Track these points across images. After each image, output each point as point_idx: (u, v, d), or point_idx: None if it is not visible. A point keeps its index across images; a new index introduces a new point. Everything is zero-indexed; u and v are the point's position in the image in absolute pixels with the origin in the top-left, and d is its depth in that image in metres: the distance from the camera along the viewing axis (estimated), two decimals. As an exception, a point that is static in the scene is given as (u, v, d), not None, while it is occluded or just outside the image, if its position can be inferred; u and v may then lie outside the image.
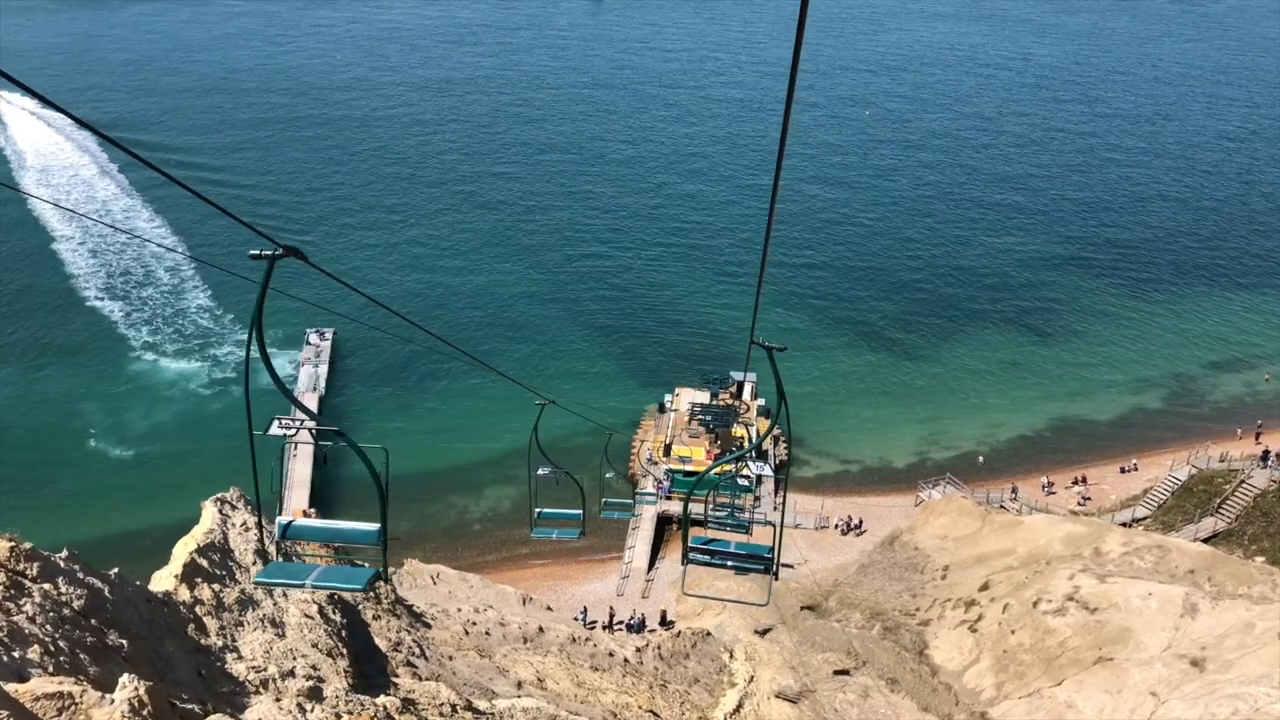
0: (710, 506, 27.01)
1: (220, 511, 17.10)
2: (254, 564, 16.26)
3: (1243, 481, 48.92)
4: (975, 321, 72.54)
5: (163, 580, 13.84)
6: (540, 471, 17.96)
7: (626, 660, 29.34)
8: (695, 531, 17.27)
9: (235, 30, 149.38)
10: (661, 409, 59.44)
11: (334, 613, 17.30)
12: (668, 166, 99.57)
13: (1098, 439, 61.04)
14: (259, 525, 17.95)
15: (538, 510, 21.86)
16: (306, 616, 16.04)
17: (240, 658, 13.50)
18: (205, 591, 14.13)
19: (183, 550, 14.78)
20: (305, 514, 22.07)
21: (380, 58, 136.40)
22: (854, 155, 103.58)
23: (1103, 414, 63.43)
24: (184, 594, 13.76)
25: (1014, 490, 54.04)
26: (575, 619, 41.35)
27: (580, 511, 22.05)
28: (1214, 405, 64.82)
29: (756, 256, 78.99)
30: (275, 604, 15.80)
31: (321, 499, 51.50)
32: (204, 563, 14.79)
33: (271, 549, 14.17)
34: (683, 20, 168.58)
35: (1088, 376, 66.78)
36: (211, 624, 13.63)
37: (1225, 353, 70.02)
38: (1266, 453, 51.49)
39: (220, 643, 13.44)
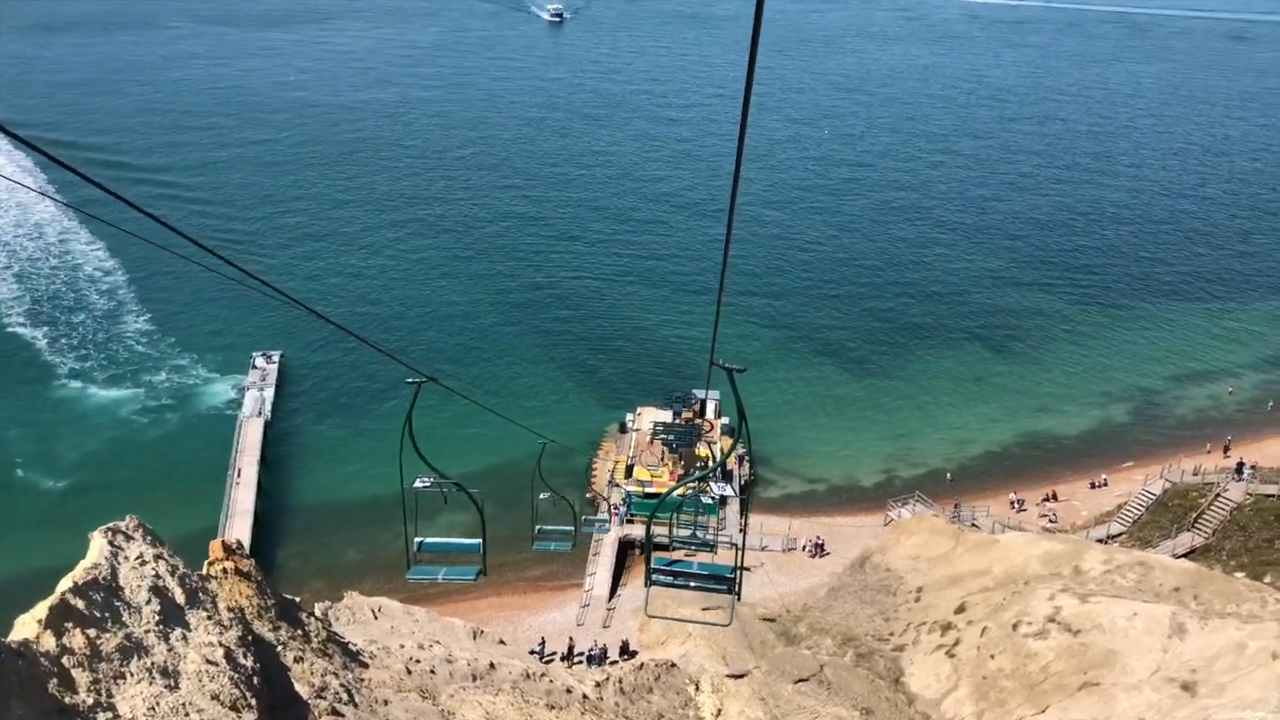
0: (674, 529, 25.52)
1: (112, 543, 14.83)
2: (148, 603, 14.03)
3: (1218, 495, 47.87)
4: (938, 338, 71.52)
5: (25, 626, 11.62)
6: (418, 484, 16.42)
7: (585, 696, 27.18)
8: (659, 554, 17.42)
9: (183, 52, 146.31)
10: (623, 429, 57.45)
11: (245, 656, 15.07)
12: (626, 188, 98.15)
13: (1066, 454, 59.97)
14: (163, 557, 15.72)
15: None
16: (209, 663, 13.83)
17: (116, 717, 11.31)
18: (77, 638, 11.91)
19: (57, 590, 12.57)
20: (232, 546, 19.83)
21: (333, 80, 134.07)
22: (812, 175, 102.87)
23: (1069, 429, 62.44)
24: (48, 642, 11.53)
25: (966, 513, 52.60)
26: (532, 652, 39.08)
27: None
28: (1180, 419, 64.13)
29: (717, 274, 77.55)
30: (170, 649, 13.58)
31: (264, 526, 49.13)
32: (80, 604, 12.55)
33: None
34: (641, 44, 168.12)
35: (1052, 392, 65.87)
36: (82, 677, 11.43)
37: (1187, 367, 69.54)
38: (1240, 465, 50.55)
39: (91, 700, 11.25)
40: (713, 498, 47.55)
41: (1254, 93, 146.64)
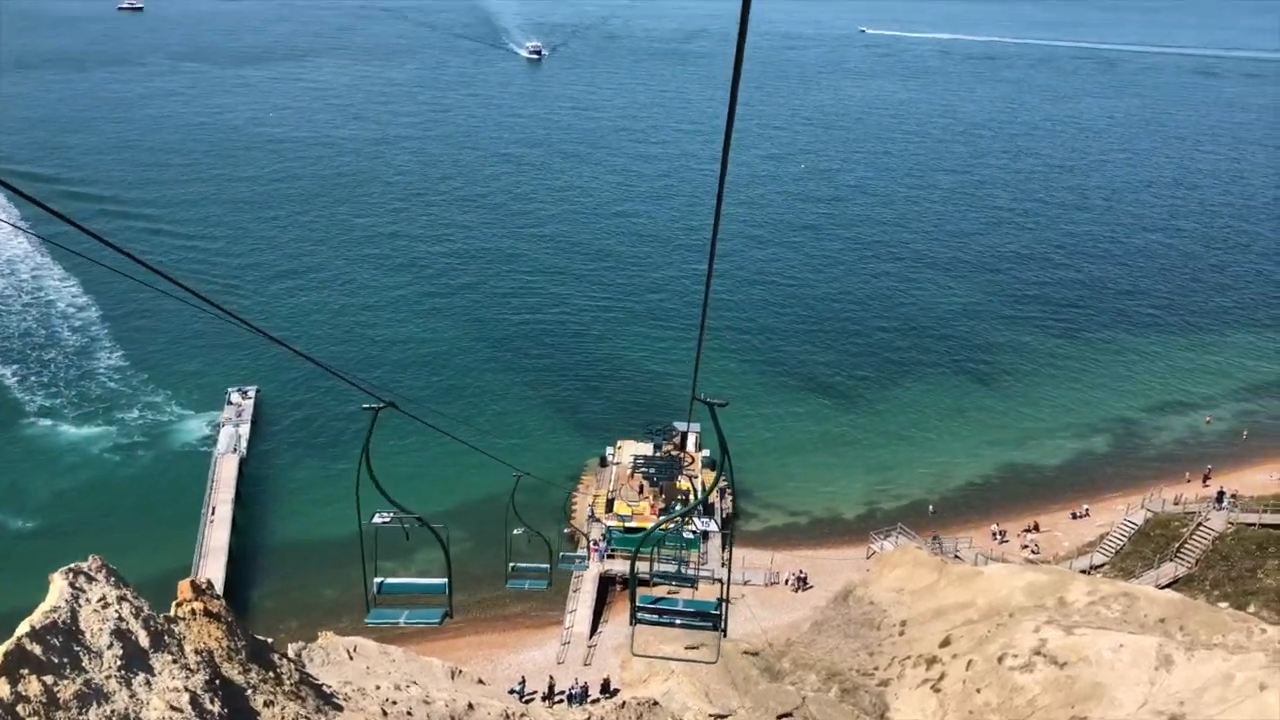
0: (655, 564, 25.08)
1: (73, 585, 14.31)
2: (110, 647, 13.49)
3: (1200, 524, 47.81)
4: (918, 370, 71.62)
5: (-23, 673, 11.09)
6: (376, 520, 15.34)
7: (567, 737, 26.56)
8: (642, 591, 17.00)
9: (159, 89, 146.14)
10: (603, 463, 56.96)
11: (212, 701, 14.52)
12: (605, 223, 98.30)
13: (1047, 485, 59.91)
14: (127, 599, 15.19)
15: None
16: (173, 709, 13.29)
17: (73, 768, 10.79)
18: (33, 686, 11.39)
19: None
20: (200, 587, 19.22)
21: (310, 116, 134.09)
22: (790, 210, 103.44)
23: (1050, 460, 62.46)
24: (2, 690, 11.02)
25: (948, 544, 52.37)
26: (512, 691, 38.33)
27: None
28: (1159, 449, 64.29)
29: (698, 309, 77.50)
30: (132, 694, 13.04)
31: (239, 564, 48.30)
32: (37, 649, 12.03)
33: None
34: (619, 80, 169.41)
35: (1033, 423, 65.96)
36: (37, 727, 10.90)
37: (1165, 397, 69.86)
38: (1221, 494, 50.60)
39: (46, 750, 10.73)
40: (694, 532, 47.12)
41: (1223, 126, 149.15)
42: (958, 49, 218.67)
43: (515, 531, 26.58)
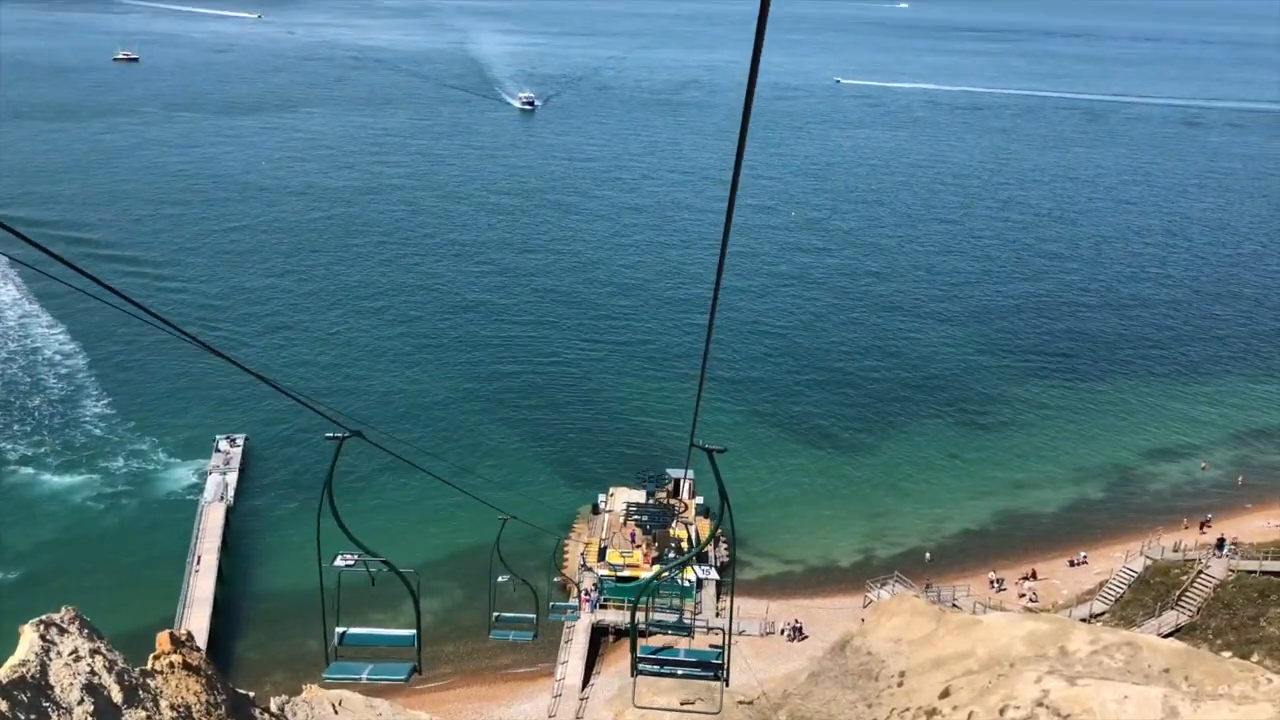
0: (650, 613, 24.45)
1: (44, 638, 13.70)
2: (80, 702, 12.86)
3: (1200, 572, 47.23)
4: (911, 415, 71.32)
5: (-63, 732, 10.49)
6: (339, 562, 13.80)
7: (558, 795, 25.68)
8: (641, 641, 16.75)
9: (152, 138, 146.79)
10: (595, 510, 56.21)
11: (189, 761, 13.84)
12: (597, 273, 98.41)
13: (1044, 532, 59.34)
14: (100, 652, 14.56)
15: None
16: (146, 768, 12.64)
17: (35, 834, 10.15)
18: (-5, 744, 10.77)
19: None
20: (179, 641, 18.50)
21: (302, 164, 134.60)
22: (779, 259, 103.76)
23: (1046, 506, 61.95)
24: (-38, 750, 10.41)
25: (946, 593, 51.64)
26: (502, 747, 37.31)
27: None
28: (1156, 495, 63.86)
29: (689, 352, 77.33)
30: (102, 755, 12.39)
31: (224, 615, 47.35)
32: (3, 705, 11.42)
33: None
34: (611, 130, 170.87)
35: (1027, 468, 65.55)
36: (-2, 789, 10.29)
37: (1159, 443, 69.61)
38: (1221, 541, 50.08)
39: (7, 815, 10.11)
40: (690, 581, 46.36)
41: (1208, 175, 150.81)
42: (944, 99, 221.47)
43: (500, 579, 25.30)
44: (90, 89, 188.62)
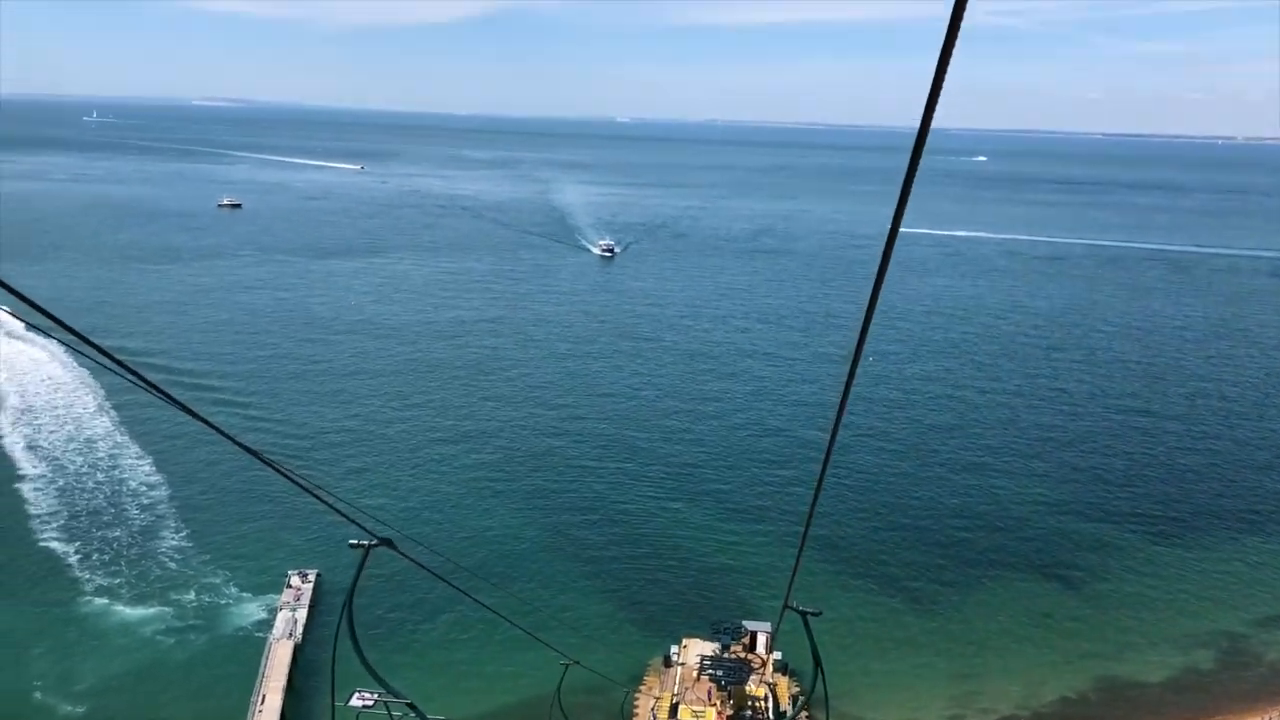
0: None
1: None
2: None
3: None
4: (1002, 572, 67.84)
5: None
6: (355, 701, 11.61)
7: None
8: None
9: (249, 278, 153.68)
10: (667, 662, 53.81)
11: None
12: (673, 410, 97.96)
13: (1151, 704, 54.89)
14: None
15: None
16: None
17: None
18: None
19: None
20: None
21: (389, 303, 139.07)
22: (859, 407, 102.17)
23: (1151, 675, 57.53)
24: None
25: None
26: None
27: None
28: (1272, 666, 58.95)
29: (763, 503, 75.48)
30: None
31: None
32: None
33: None
34: (688, 275, 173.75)
35: (1127, 632, 61.31)
36: None
37: (1272, 607, 64.82)
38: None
39: None
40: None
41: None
42: (1023, 249, 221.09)
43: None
44: (195, 233, 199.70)
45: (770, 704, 47.35)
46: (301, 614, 56.27)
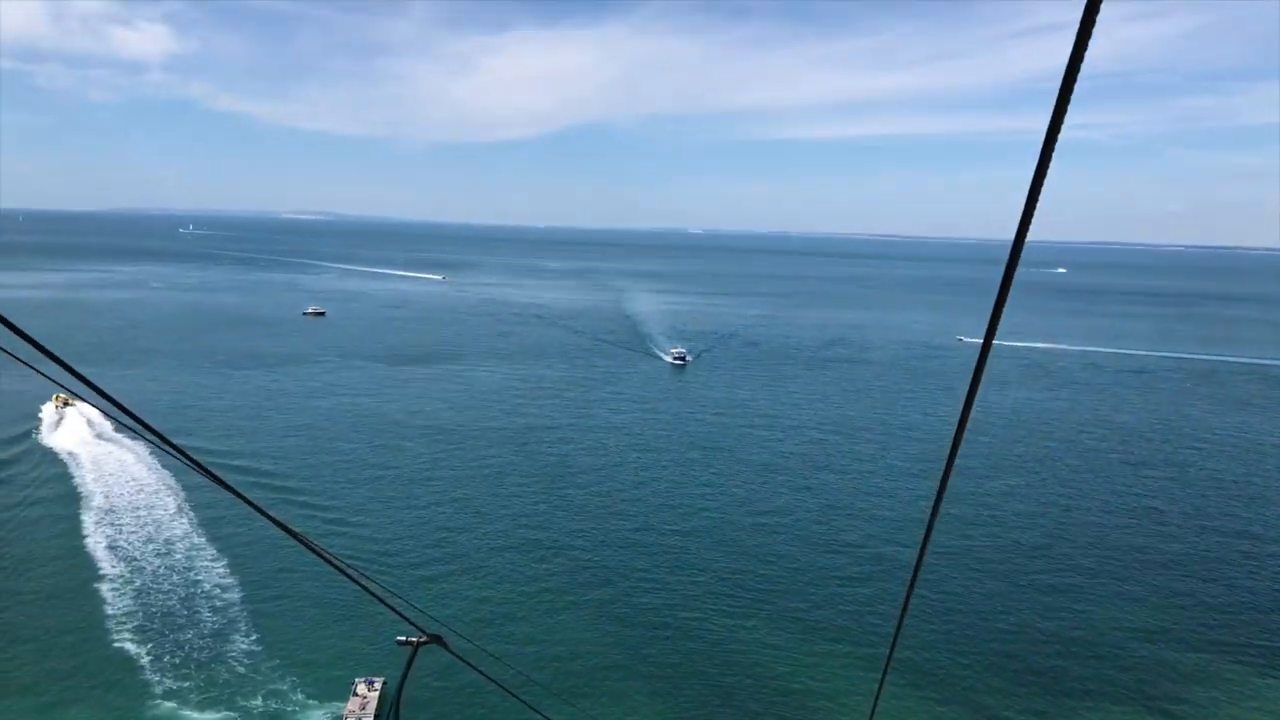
0: None
1: None
2: None
3: None
4: (1098, 702, 63.54)
5: None
6: None
7: None
8: None
9: (329, 383, 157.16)
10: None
11: None
12: (746, 522, 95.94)
13: None
14: None
15: None
16: None
17: None
18: None
19: None
20: None
21: (463, 409, 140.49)
22: (942, 519, 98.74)
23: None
24: None
25: None
26: None
27: None
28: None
29: (843, 620, 72.52)
30: None
31: None
32: None
33: None
34: (760, 384, 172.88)
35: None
36: None
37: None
38: None
39: None
40: None
41: None
42: (1105, 362, 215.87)
43: None
44: (279, 339, 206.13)
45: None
46: (365, 725, 55.14)
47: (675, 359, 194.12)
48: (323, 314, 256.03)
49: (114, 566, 76.30)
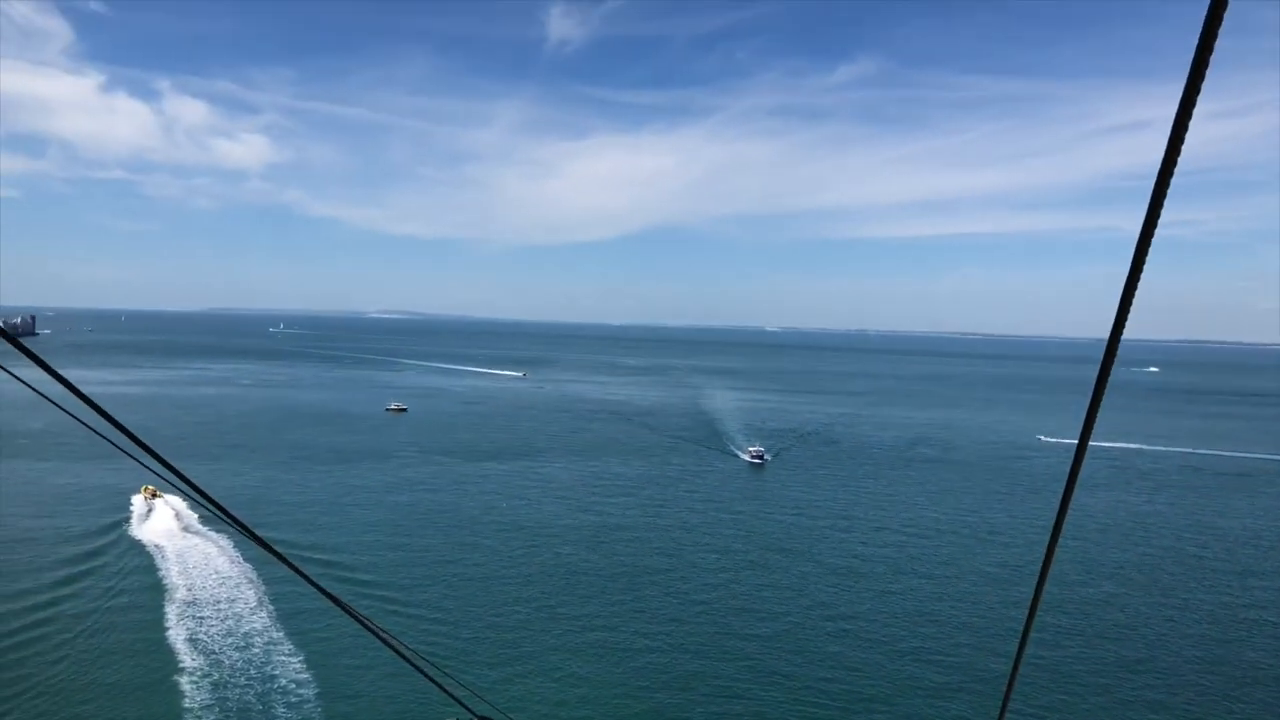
0: None
1: None
2: None
3: None
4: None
5: None
6: None
7: None
8: None
9: (407, 479, 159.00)
10: None
11: None
12: (825, 625, 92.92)
13: None
14: None
15: None
16: None
17: None
18: None
19: None
20: None
21: (537, 506, 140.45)
22: (1035, 630, 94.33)
23: None
24: None
25: None
26: None
27: None
28: None
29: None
30: None
31: None
32: None
33: None
34: (842, 484, 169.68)
35: None
36: None
37: None
38: None
39: None
40: None
41: None
42: (1203, 464, 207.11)
43: None
44: (361, 435, 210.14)
45: None
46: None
47: (754, 457, 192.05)
48: (404, 410, 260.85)
49: (194, 660, 77.01)
